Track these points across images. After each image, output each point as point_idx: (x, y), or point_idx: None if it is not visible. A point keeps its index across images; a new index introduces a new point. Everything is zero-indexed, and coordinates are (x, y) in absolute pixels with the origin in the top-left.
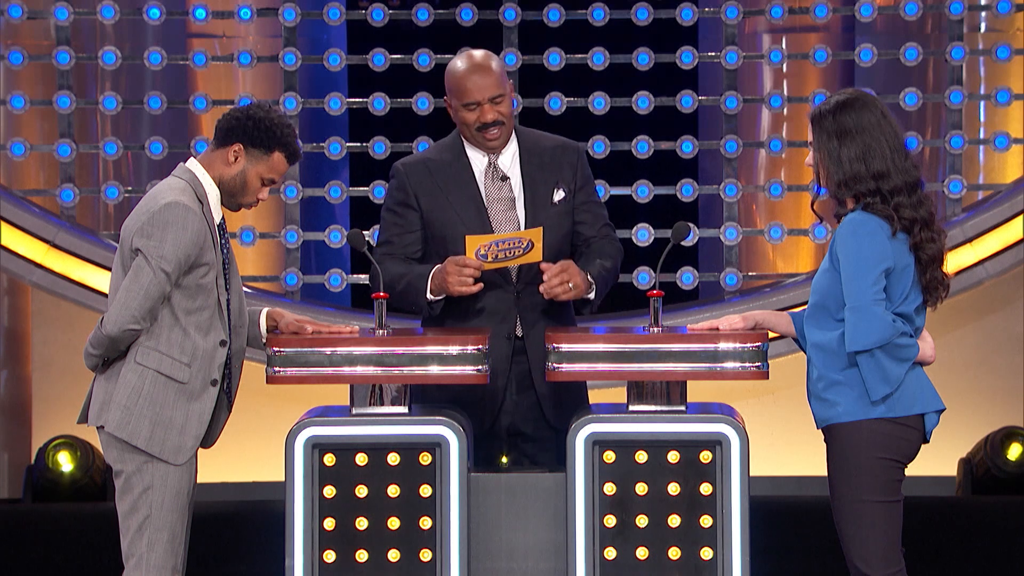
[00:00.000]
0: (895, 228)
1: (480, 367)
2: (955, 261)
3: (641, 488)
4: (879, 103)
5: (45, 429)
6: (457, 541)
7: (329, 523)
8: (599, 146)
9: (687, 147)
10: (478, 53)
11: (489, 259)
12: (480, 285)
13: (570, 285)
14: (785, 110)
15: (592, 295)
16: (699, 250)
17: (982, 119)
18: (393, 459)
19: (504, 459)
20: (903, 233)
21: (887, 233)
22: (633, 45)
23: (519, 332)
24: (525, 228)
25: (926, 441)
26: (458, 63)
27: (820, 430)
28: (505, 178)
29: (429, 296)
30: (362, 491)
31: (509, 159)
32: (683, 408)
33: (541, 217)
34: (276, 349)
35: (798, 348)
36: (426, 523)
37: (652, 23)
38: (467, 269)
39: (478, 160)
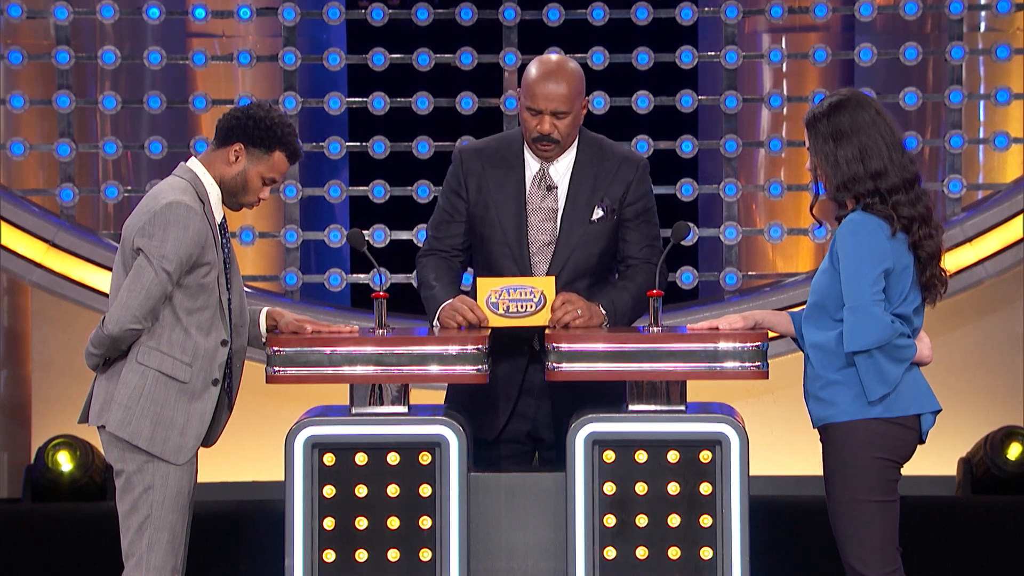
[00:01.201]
0: (895, 228)
1: (480, 367)
2: (955, 261)
3: (641, 488)
4: (873, 102)
5: (45, 429)
6: (457, 541)
7: (329, 523)
8: None
9: (687, 147)
10: (558, 60)
11: (500, 310)
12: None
13: (578, 311)
14: (785, 110)
15: (606, 323)
16: (699, 250)
17: (982, 119)
18: (393, 459)
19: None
20: (902, 232)
21: (887, 233)
22: (633, 45)
23: (535, 344)
24: (558, 241)
25: (922, 442)
26: (537, 64)
27: (816, 429)
28: (552, 188)
29: (436, 322)
30: (362, 491)
31: (563, 168)
32: (683, 408)
33: (577, 233)
34: (276, 348)
35: (798, 348)
36: (426, 523)
37: (652, 23)
38: (458, 316)
39: (532, 164)
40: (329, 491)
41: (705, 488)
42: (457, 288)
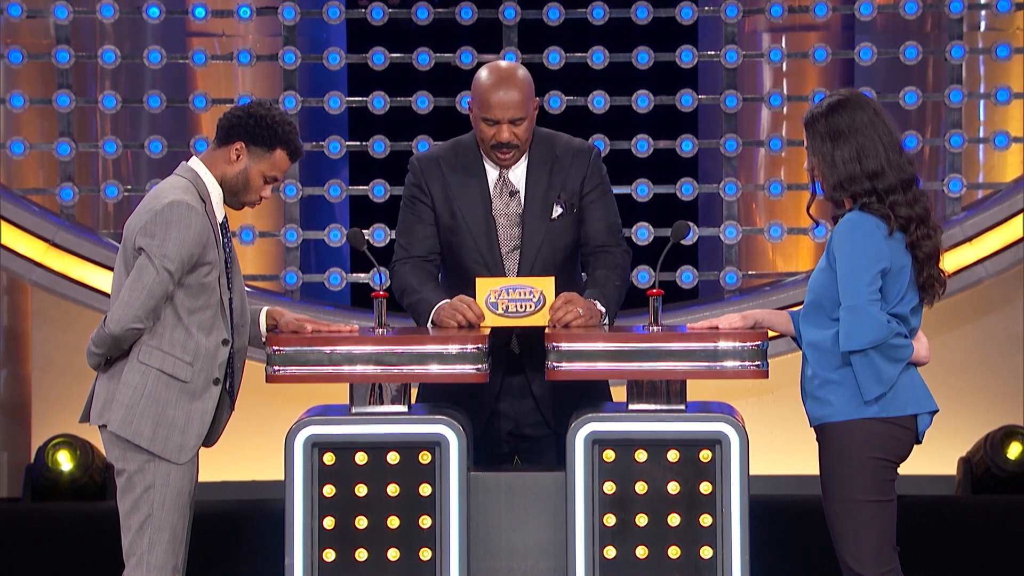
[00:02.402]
0: (892, 227)
1: (480, 366)
2: (954, 260)
3: (641, 487)
4: (872, 102)
5: (45, 428)
6: (457, 540)
7: (329, 522)
8: (599, 145)
9: (687, 146)
10: (507, 67)
11: (499, 309)
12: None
13: (579, 311)
14: (785, 109)
15: (605, 321)
16: (699, 249)
17: (982, 118)
18: (393, 458)
19: (516, 460)
20: (899, 232)
21: (884, 233)
22: (633, 44)
23: (516, 348)
24: (523, 243)
25: (918, 442)
26: (486, 73)
27: (813, 429)
28: (514, 193)
29: (430, 324)
30: (362, 490)
31: (520, 172)
32: (683, 407)
33: (539, 232)
34: (275, 348)
35: (797, 347)
36: (426, 522)
37: (652, 22)
38: (459, 316)
39: (491, 171)
40: (329, 490)
41: (705, 487)
42: (441, 290)
